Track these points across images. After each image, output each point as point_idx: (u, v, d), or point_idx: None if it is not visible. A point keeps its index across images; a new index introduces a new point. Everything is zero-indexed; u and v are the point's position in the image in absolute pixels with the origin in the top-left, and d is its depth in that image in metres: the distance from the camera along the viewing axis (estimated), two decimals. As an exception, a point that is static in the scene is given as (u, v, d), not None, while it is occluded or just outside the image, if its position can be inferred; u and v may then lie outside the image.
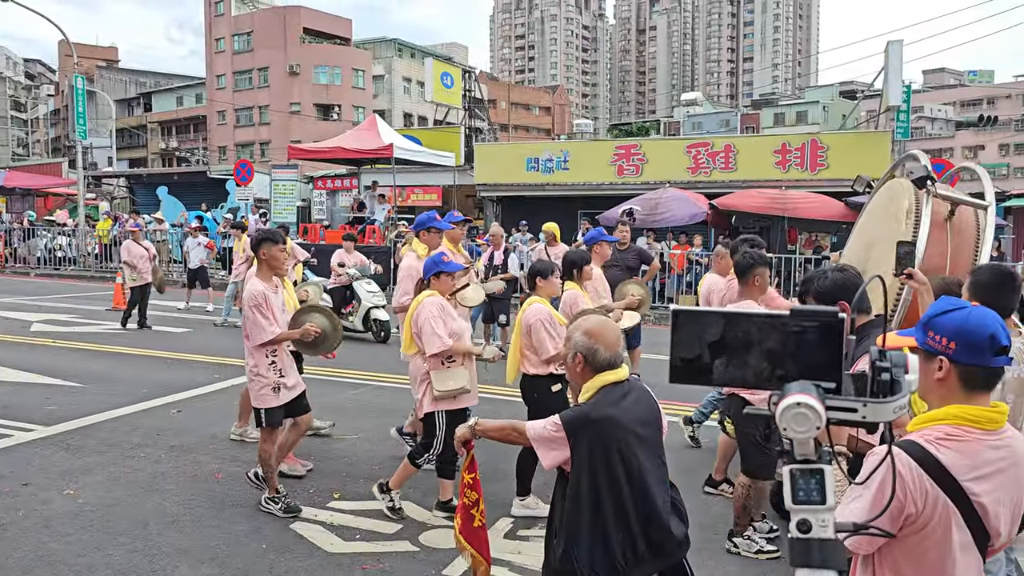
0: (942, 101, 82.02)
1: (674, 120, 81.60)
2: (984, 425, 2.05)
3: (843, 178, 18.65)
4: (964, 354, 2.03)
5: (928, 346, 2.09)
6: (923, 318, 2.16)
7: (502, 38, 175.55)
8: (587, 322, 3.04)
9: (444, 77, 28.69)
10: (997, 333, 2.04)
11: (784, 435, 1.48)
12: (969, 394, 2.06)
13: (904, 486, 1.97)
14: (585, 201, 21.25)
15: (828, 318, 1.53)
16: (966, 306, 2.10)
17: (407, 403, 8.51)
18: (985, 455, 2.03)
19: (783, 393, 1.48)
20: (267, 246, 5.51)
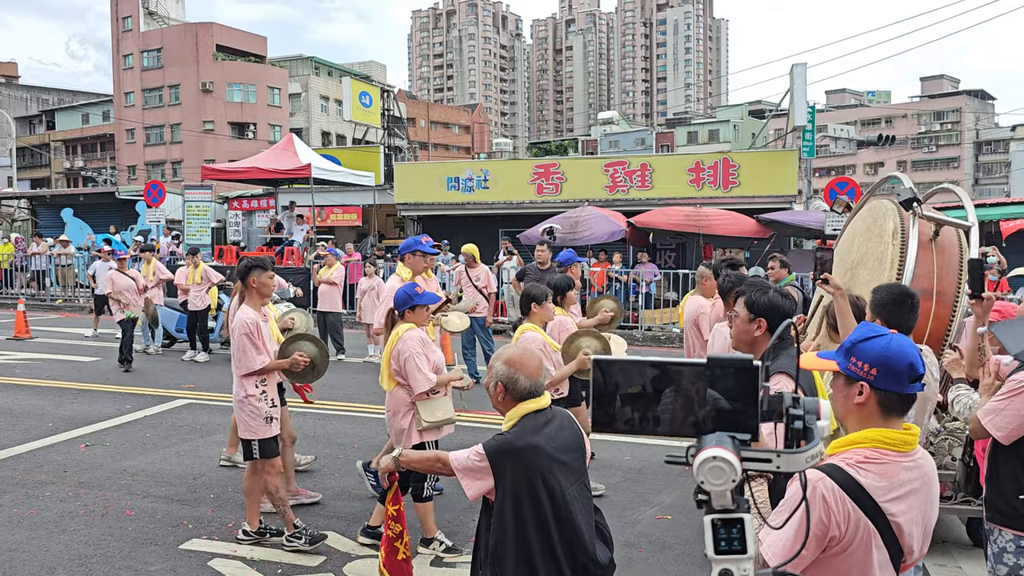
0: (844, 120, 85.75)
1: (591, 138, 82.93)
2: (899, 448, 2.12)
3: (754, 195, 19.31)
4: (884, 381, 2.10)
5: (850, 371, 2.14)
6: (846, 343, 2.20)
7: (420, 56, 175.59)
8: (508, 351, 3.05)
9: (362, 96, 28.48)
10: (915, 362, 2.11)
11: (702, 486, 1.49)
12: (886, 418, 2.13)
13: (828, 510, 2.01)
14: (505, 220, 21.36)
15: (743, 365, 1.55)
16: (886, 333, 2.16)
17: (331, 429, 8.38)
18: (901, 476, 2.10)
19: (700, 445, 1.50)
20: (256, 273, 5.42)
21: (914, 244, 4.89)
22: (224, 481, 6.63)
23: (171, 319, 13.73)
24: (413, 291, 5.29)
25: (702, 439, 1.51)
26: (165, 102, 58.41)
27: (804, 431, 1.60)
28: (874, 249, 5.28)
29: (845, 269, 5.66)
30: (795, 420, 1.61)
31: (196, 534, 5.52)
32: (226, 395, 10.04)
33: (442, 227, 21.74)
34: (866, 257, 5.41)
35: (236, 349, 5.34)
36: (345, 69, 66.43)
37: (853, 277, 5.44)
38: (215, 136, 55.61)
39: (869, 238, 5.50)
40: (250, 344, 5.28)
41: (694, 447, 1.52)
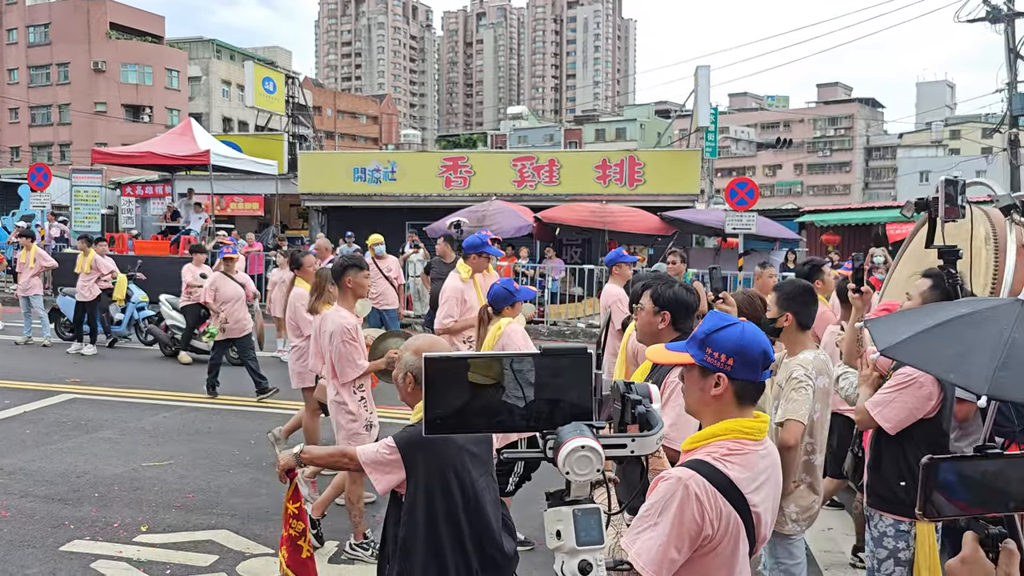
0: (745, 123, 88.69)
1: (501, 133, 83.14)
2: (756, 436, 2.10)
3: (659, 193, 19.72)
4: (741, 370, 2.07)
5: (707, 363, 2.09)
6: (698, 334, 2.15)
7: (327, 44, 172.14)
8: (417, 341, 3.00)
9: (266, 82, 27.72)
10: (768, 349, 2.11)
11: (566, 478, 1.47)
12: (741, 408, 2.10)
13: (702, 509, 1.94)
14: (412, 212, 21.15)
15: (578, 355, 1.53)
16: (737, 322, 2.14)
17: (227, 425, 8.10)
18: (759, 466, 2.07)
19: (561, 437, 1.46)
20: (353, 273, 5.24)
21: (1012, 250, 5.04)
22: (110, 480, 6.32)
23: (70, 309, 12.79)
24: (512, 287, 5.24)
25: (559, 431, 1.48)
26: (53, 81, 55.31)
27: (647, 414, 1.60)
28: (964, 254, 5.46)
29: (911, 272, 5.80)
30: (636, 405, 1.61)
31: (78, 535, 5.24)
32: (114, 388, 9.61)
33: (347, 218, 21.35)
34: None
35: (339, 355, 5.09)
36: (248, 53, 64.43)
37: None
38: (108, 118, 53.04)
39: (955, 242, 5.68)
40: (353, 349, 5.09)
41: (553, 439, 1.49)
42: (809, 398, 3.62)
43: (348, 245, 18.41)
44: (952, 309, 2.13)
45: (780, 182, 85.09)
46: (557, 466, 1.46)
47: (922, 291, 3.71)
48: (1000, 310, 2.07)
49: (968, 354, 1.92)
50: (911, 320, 2.13)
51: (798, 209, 26.36)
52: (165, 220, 21.34)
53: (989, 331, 1.97)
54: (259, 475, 6.55)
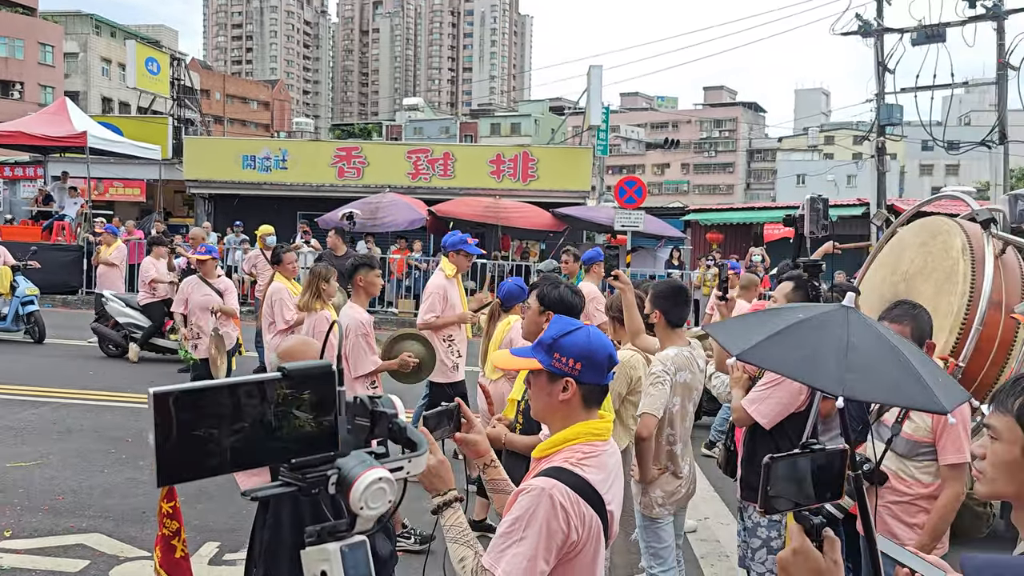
0: (635, 122, 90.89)
1: (396, 124, 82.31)
2: (604, 436, 2.13)
3: (552, 189, 20.01)
4: (588, 374, 2.07)
5: (555, 368, 2.08)
6: (545, 339, 2.13)
7: (217, 25, 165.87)
8: (287, 342, 2.98)
9: (149, 62, 26.50)
10: (612, 352, 2.14)
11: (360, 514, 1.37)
12: (588, 410, 2.11)
13: (568, 517, 1.92)
14: (304, 203, 20.71)
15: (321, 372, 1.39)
16: (582, 326, 2.15)
17: (101, 422, 7.75)
18: (609, 464, 2.11)
19: (349, 471, 1.37)
20: (364, 271, 5.30)
21: (991, 261, 5.22)
22: (-29, 481, 5.96)
23: None
24: (524, 285, 5.31)
25: (342, 464, 1.38)
26: (-92, 51, 51.24)
27: (406, 428, 1.56)
28: (939, 263, 5.58)
29: (898, 279, 5.93)
30: (392, 419, 1.54)
31: (-67, 542, 4.93)
32: (-23, 385, 9.04)
33: (236, 207, 20.72)
34: (927, 270, 5.69)
35: (353, 350, 5.08)
36: (131, 31, 61.40)
37: (909, 287, 5.72)
38: (-28, 94, 49.54)
39: (929, 252, 5.77)
40: (365, 345, 5.14)
41: (335, 472, 1.38)
42: (665, 393, 3.84)
43: (236, 235, 17.91)
44: (790, 314, 2.24)
45: (668, 181, 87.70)
46: (345, 502, 1.37)
47: (785, 292, 3.99)
48: (831, 315, 2.18)
49: (816, 357, 2.02)
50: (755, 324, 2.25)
51: (684, 208, 27.27)
52: (37, 204, 20.16)
53: (830, 335, 2.07)
54: (136, 474, 6.32)
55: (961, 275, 5.37)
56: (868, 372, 2.03)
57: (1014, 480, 1.52)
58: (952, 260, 5.54)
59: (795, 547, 1.44)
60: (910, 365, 2.11)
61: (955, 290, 5.32)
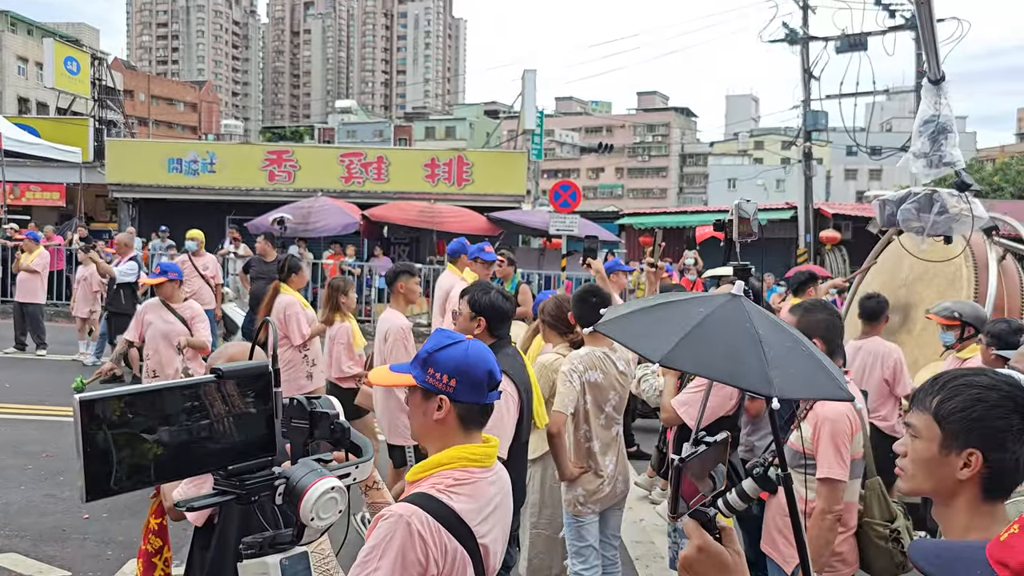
0: (570, 127, 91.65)
1: (328, 127, 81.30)
2: (484, 463, 1.99)
3: (486, 193, 19.99)
4: (464, 392, 1.94)
5: (428, 384, 1.95)
6: (421, 353, 2.01)
7: (141, 24, 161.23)
8: (231, 348, 2.88)
9: (68, 61, 25.58)
10: (494, 368, 2.01)
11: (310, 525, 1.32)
12: (468, 433, 1.98)
13: (426, 547, 1.79)
14: (233, 207, 20.24)
15: (257, 373, 1.36)
16: (462, 339, 2.03)
17: (19, 436, 7.42)
18: (487, 494, 1.98)
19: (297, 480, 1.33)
20: (404, 278, 5.44)
21: (995, 266, 5.35)
22: None
23: None
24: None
25: (290, 472, 1.33)
26: None
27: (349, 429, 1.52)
28: (941, 269, 5.67)
29: (898, 285, 5.93)
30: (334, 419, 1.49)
31: None
32: None
33: (162, 212, 20.14)
34: (928, 275, 5.78)
35: (391, 354, 5.14)
36: (49, 29, 59.18)
37: (910, 293, 5.74)
38: None
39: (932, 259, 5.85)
40: (403, 349, 5.22)
41: (284, 482, 1.33)
42: (575, 390, 3.93)
43: (162, 240, 17.42)
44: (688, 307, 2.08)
45: (603, 185, 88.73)
46: (294, 512, 1.32)
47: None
48: (730, 307, 2.06)
49: (737, 356, 1.94)
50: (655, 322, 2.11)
51: (618, 212, 27.59)
52: (-53, 209, 19.22)
53: (740, 330, 1.98)
54: (54, 490, 6.06)
55: (964, 280, 5.53)
56: (785, 367, 1.96)
57: (932, 476, 1.57)
58: (954, 266, 5.69)
59: (699, 544, 1.42)
60: (812, 354, 2.07)
61: (960, 295, 5.47)
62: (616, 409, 4.18)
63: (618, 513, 4.39)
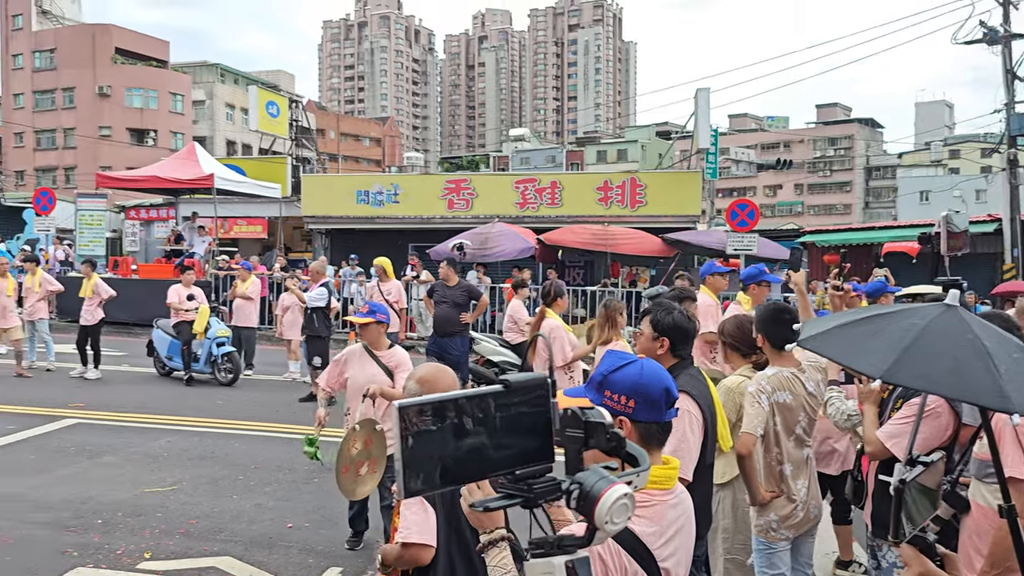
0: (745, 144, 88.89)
1: (503, 155, 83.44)
2: (665, 485, 1.96)
3: (660, 214, 19.78)
4: (644, 411, 1.94)
5: (606, 406, 1.92)
6: (595, 376, 2.01)
7: (331, 68, 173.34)
8: (421, 370, 2.98)
9: (269, 106, 27.89)
10: (670, 386, 1.99)
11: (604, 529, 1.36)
12: (648, 453, 1.90)
13: (606, 569, 1.79)
14: (415, 235, 21.22)
15: (537, 384, 1.44)
16: (635, 359, 2.02)
17: (229, 449, 8.10)
18: (668, 516, 1.95)
19: (591, 486, 1.37)
20: (687, 304, 5.41)
21: None
22: (113, 505, 6.31)
23: (163, 343, 12.38)
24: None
25: (582, 479, 1.38)
26: (58, 105, 55.72)
27: (624, 439, 1.54)
28: None
29: None
30: (608, 429, 1.52)
31: (81, 563, 5.23)
32: (117, 413, 9.62)
33: (350, 241, 21.45)
34: None
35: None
36: (252, 77, 64.88)
37: None
38: (112, 142, 53.37)
39: None
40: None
41: (578, 487, 1.38)
42: (762, 412, 3.78)
43: (352, 267, 18.50)
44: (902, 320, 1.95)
45: (781, 202, 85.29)
46: (587, 516, 1.37)
47: None
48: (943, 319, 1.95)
49: (962, 370, 1.81)
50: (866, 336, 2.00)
51: (799, 229, 26.40)
52: (169, 243, 21.41)
53: (960, 343, 1.86)
54: (262, 500, 6.55)
55: None
56: (1019, 380, 1.83)
57: None
58: None
59: (920, 572, 1.33)
60: None
61: None
62: (806, 431, 4.00)
63: (811, 540, 4.18)
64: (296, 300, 11.60)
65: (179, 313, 11.99)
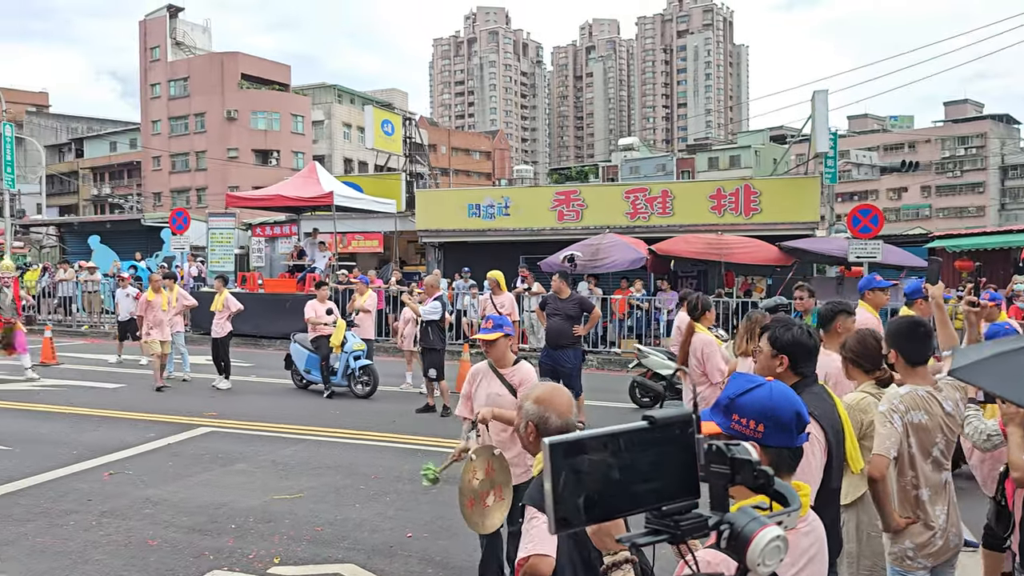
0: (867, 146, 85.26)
1: (612, 164, 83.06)
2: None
3: (776, 222, 19.21)
4: (774, 436, 1.89)
5: (734, 431, 1.91)
6: (722, 399, 1.97)
7: (442, 84, 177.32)
8: (538, 389, 3.00)
9: (384, 124, 28.77)
10: (801, 410, 1.94)
11: (756, 571, 1.35)
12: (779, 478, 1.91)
13: None
14: (526, 246, 21.38)
15: (682, 420, 1.44)
16: (763, 382, 1.97)
17: (351, 459, 8.37)
18: (801, 545, 1.90)
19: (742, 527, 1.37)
20: (843, 318, 5.25)
21: None
22: (245, 511, 6.63)
23: (301, 357, 12.83)
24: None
25: (732, 519, 1.39)
26: (191, 130, 59.36)
27: (773, 477, 1.51)
28: None
29: None
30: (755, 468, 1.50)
31: (217, 565, 5.52)
32: (247, 422, 10.10)
33: (463, 254, 21.81)
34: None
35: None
36: (367, 97, 67.16)
37: None
38: (239, 164, 56.34)
39: None
40: None
41: (728, 528, 1.39)
42: (895, 432, 3.59)
43: (465, 280, 18.80)
44: None
45: (906, 205, 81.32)
46: (739, 557, 1.37)
47: None
48: None
49: None
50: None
51: (927, 234, 25.10)
52: (292, 259, 22.36)
53: None
54: (383, 509, 6.73)
55: None
56: None
57: None
58: None
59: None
60: None
61: None
62: (944, 454, 3.77)
63: (951, 571, 3.95)
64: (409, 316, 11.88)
65: (317, 328, 12.27)
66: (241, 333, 15.76)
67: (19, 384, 12.86)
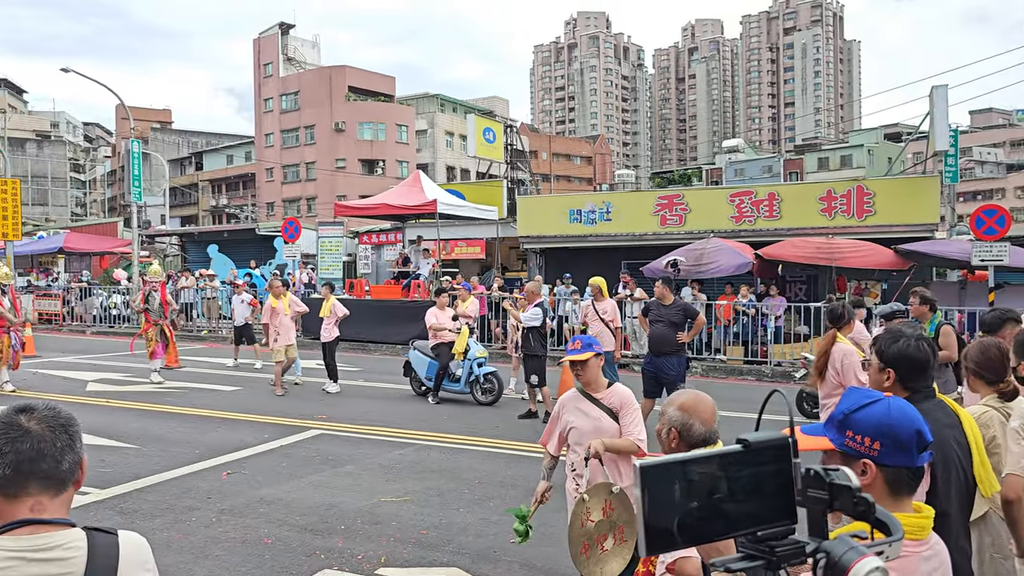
0: (991, 142, 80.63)
1: (716, 167, 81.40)
2: (916, 535, 1.82)
3: (892, 224, 18.38)
4: (891, 455, 1.80)
5: (848, 448, 1.83)
6: (836, 414, 1.88)
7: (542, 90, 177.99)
8: (681, 396, 2.96)
9: (486, 132, 29.12)
10: (922, 427, 1.84)
11: None
12: (896, 500, 1.82)
13: None
14: (628, 252, 21.19)
15: (779, 444, 1.41)
16: (881, 397, 1.88)
17: (455, 463, 8.49)
18: (922, 570, 1.82)
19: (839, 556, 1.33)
20: (1011, 326, 5.16)
21: None
22: (353, 513, 6.81)
23: (421, 365, 12.77)
24: None
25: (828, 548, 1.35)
26: (301, 142, 61.73)
27: (874, 504, 1.45)
28: None
29: None
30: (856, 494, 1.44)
31: (328, 565, 5.69)
32: (355, 425, 10.39)
33: (564, 260, 21.81)
34: None
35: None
36: (469, 105, 68.17)
37: None
38: (346, 173, 58.19)
39: None
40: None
41: (825, 556, 1.35)
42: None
43: (566, 286, 18.80)
44: None
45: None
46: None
47: None
48: None
49: None
50: None
51: (1061, 235, 23.49)
52: (397, 266, 22.90)
53: None
54: (487, 514, 6.79)
55: None
56: None
57: None
58: None
59: None
60: None
61: None
62: None
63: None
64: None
65: (438, 335, 12.29)
66: (348, 338, 16.22)
67: (146, 386, 13.64)
